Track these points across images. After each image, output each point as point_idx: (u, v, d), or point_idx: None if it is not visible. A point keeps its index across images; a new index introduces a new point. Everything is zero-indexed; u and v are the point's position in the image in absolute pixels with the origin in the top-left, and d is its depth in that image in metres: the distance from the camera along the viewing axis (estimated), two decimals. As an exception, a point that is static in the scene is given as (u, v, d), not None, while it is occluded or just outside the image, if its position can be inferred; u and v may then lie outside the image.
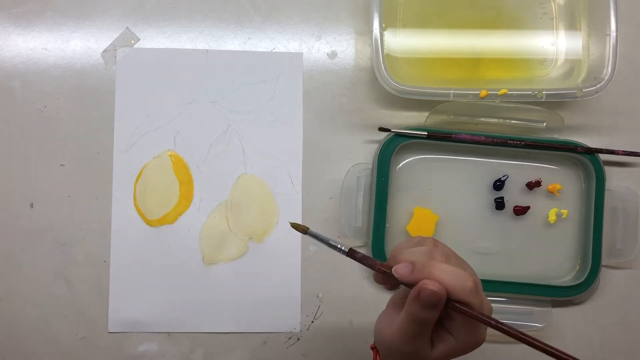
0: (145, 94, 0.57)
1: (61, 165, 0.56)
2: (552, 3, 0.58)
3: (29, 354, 0.55)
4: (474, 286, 0.35)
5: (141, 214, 0.56)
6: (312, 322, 0.56)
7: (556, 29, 0.58)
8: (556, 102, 0.55)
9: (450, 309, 0.35)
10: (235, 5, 0.58)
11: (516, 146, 0.55)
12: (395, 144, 0.55)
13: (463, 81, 0.57)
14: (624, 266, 0.57)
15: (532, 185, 0.56)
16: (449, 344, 0.36)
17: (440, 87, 0.53)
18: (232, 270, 0.56)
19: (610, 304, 0.57)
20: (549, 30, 0.58)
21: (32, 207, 0.56)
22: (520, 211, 0.56)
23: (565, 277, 0.57)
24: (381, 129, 0.56)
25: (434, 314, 0.35)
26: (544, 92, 0.53)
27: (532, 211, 0.56)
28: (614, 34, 0.53)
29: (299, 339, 0.56)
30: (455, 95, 0.53)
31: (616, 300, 0.57)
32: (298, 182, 0.57)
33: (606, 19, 0.53)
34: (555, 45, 0.57)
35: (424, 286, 0.34)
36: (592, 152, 0.55)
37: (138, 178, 0.56)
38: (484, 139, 0.55)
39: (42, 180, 0.56)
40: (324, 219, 0.57)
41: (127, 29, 0.57)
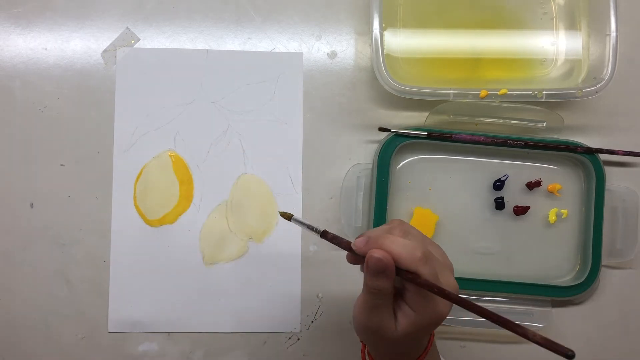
0: (145, 94, 0.57)
1: (61, 165, 0.56)
2: (552, 3, 0.58)
3: (29, 354, 0.55)
4: (423, 256, 0.36)
5: (141, 214, 0.56)
6: (312, 322, 0.56)
7: (556, 29, 0.58)
8: (556, 102, 0.55)
9: (401, 277, 0.36)
10: (235, 5, 0.58)
11: (516, 146, 0.55)
12: (395, 144, 0.55)
13: (463, 81, 0.57)
14: (624, 266, 0.57)
15: (532, 185, 0.56)
16: (410, 317, 0.37)
17: (440, 87, 0.53)
18: (232, 270, 0.56)
19: (610, 304, 0.57)
20: (549, 30, 0.58)
21: (32, 207, 0.56)
22: (520, 211, 0.56)
23: (565, 277, 0.57)
24: (381, 129, 0.56)
25: (385, 282, 0.36)
26: (544, 92, 0.53)
27: (532, 211, 0.56)
28: (614, 34, 0.53)
29: (299, 339, 0.56)
30: (455, 95, 0.53)
31: (616, 300, 0.57)
32: (298, 182, 0.57)
33: (606, 19, 0.53)
34: (555, 45, 0.57)
35: (370, 254, 0.36)
36: (592, 152, 0.55)
37: (138, 178, 0.56)
38: (484, 139, 0.55)
39: (42, 180, 0.56)
40: (324, 219, 0.57)
41: (127, 29, 0.57)
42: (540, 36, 0.57)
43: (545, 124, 0.55)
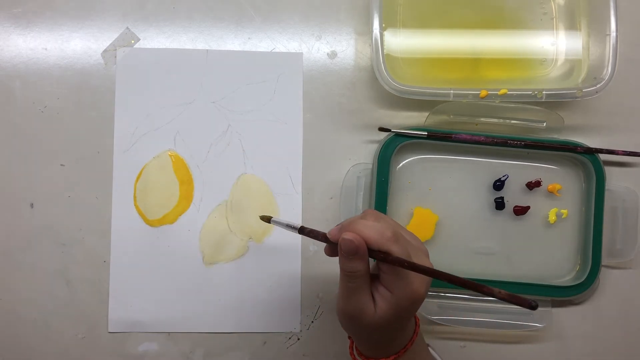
0: (145, 94, 0.57)
1: (61, 165, 0.56)
2: (552, 3, 0.58)
3: (29, 353, 0.55)
4: (392, 236, 0.37)
5: (141, 214, 0.56)
6: (312, 322, 0.56)
7: (556, 29, 0.58)
8: (556, 102, 0.55)
9: (373, 257, 0.38)
10: (235, 5, 0.58)
11: (516, 146, 0.55)
12: (395, 144, 0.55)
13: (463, 81, 0.57)
14: (624, 266, 0.57)
15: (532, 185, 0.56)
16: (388, 298, 0.39)
17: (440, 87, 0.53)
18: (232, 270, 0.56)
19: (610, 304, 0.57)
20: (549, 30, 0.58)
21: (32, 207, 0.56)
22: (520, 211, 0.56)
23: (565, 277, 0.57)
24: (381, 129, 0.56)
25: (359, 263, 0.38)
26: (544, 92, 0.53)
27: (532, 211, 0.56)
28: (614, 34, 0.53)
29: (299, 339, 0.56)
30: (455, 95, 0.53)
31: (616, 300, 0.57)
32: (298, 182, 0.57)
33: (606, 19, 0.53)
34: (555, 45, 0.57)
35: (342, 237, 0.38)
36: (592, 152, 0.55)
37: (138, 178, 0.56)
38: (484, 139, 0.55)
39: (42, 180, 0.56)
40: (324, 219, 0.57)
41: (127, 29, 0.57)
42: (540, 36, 0.57)
43: (545, 124, 0.55)
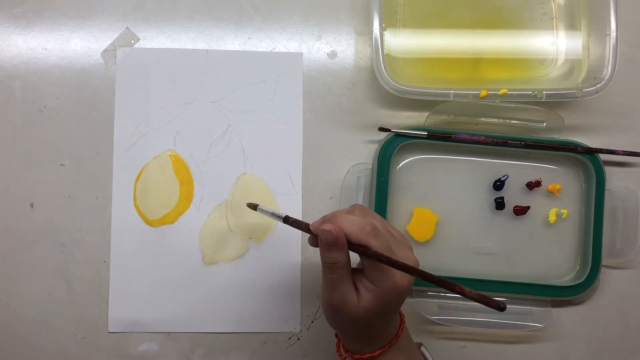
0: (145, 94, 0.57)
1: (61, 165, 0.56)
2: (552, 3, 0.58)
3: (29, 353, 0.55)
4: (372, 230, 0.39)
5: (141, 214, 0.56)
6: (312, 322, 0.56)
7: (556, 29, 0.58)
8: (556, 102, 0.55)
9: (353, 251, 0.39)
10: (235, 5, 0.58)
11: (516, 146, 0.55)
12: (395, 144, 0.55)
13: (463, 81, 0.57)
14: (624, 266, 0.57)
15: (532, 185, 0.56)
16: (371, 290, 0.40)
17: (440, 87, 0.53)
18: (232, 270, 0.56)
19: (610, 304, 0.57)
20: (549, 30, 0.58)
21: (32, 207, 0.56)
22: (520, 211, 0.56)
23: (565, 277, 0.57)
24: (381, 129, 0.56)
25: (338, 254, 0.39)
26: (544, 92, 0.53)
27: (532, 211, 0.56)
28: (614, 34, 0.53)
29: (299, 339, 0.56)
30: (455, 95, 0.53)
31: (616, 300, 0.57)
32: (298, 182, 0.57)
33: (606, 19, 0.53)
34: (555, 45, 0.57)
35: (322, 228, 0.39)
36: (592, 152, 0.55)
37: (138, 178, 0.56)
38: (484, 139, 0.55)
39: (42, 180, 0.56)
40: (324, 219, 0.57)
41: (127, 29, 0.57)
42: (540, 36, 0.57)
43: (545, 124, 0.55)
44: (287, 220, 0.45)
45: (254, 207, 0.50)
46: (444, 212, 0.56)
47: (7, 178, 0.56)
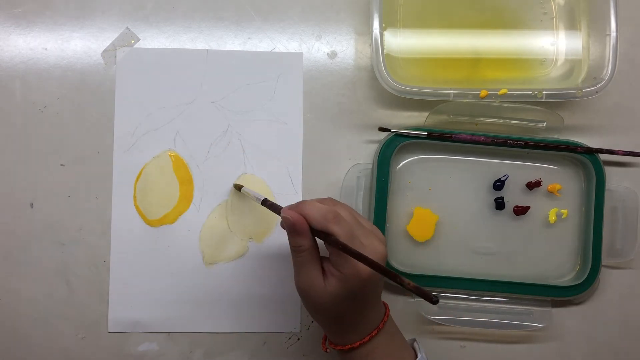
0: (145, 94, 0.57)
1: (61, 165, 0.56)
2: (552, 3, 0.58)
3: (29, 353, 0.55)
4: (334, 218, 0.41)
5: (141, 214, 0.56)
6: (312, 322, 0.56)
7: (556, 29, 0.58)
8: (556, 102, 0.55)
9: (316, 237, 0.42)
10: (235, 5, 0.58)
11: (516, 146, 0.55)
12: (395, 144, 0.55)
13: (463, 81, 0.57)
14: (624, 266, 0.57)
15: (532, 185, 0.56)
16: (336, 275, 0.42)
17: (440, 87, 0.53)
18: (232, 270, 0.56)
19: (610, 304, 0.57)
20: (549, 30, 0.58)
21: (32, 207, 0.56)
22: (520, 211, 0.56)
23: (565, 277, 0.57)
24: (381, 129, 0.56)
25: (301, 239, 0.42)
26: (544, 92, 0.53)
27: (532, 211, 0.56)
28: (614, 34, 0.53)
29: (299, 339, 0.56)
30: (455, 95, 0.53)
31: (616, 300, 0.57)
32: (298, 182, 0.57)
33: (606, 19, 0.53)
34: (555, 45, 0.57)
35: (282, 213, 0.42)
36: (592, 152, 0.55)
37: (138, 178, 0.56)
38: (484, 139, 0.55)
39: (42, 180, 0.56)
40: (324, 219, 0.57)
41: (127, 29, 0.57)
42: (540, 36, 0.57)
43: (545, 124, 0.55)
44: (265, 202, 0.48)
45: (239, 188, 0.53)
46: (444, 212, 0.56)
47: (7, 178, 0.56)
